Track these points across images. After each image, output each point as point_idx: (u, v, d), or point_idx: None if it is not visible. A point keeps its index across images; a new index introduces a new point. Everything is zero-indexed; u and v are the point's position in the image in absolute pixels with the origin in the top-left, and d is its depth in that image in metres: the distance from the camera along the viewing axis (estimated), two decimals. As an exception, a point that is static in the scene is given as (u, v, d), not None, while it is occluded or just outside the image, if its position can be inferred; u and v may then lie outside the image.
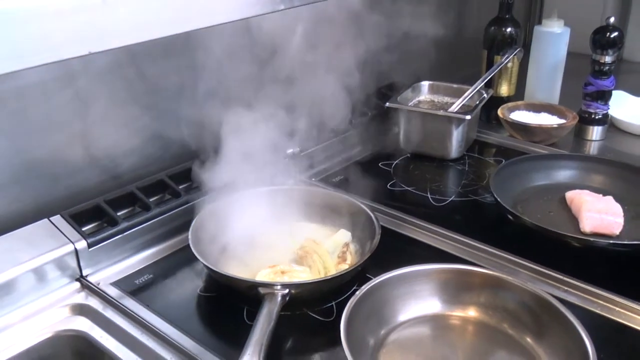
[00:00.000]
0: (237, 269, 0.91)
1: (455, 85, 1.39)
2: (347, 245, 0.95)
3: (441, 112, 1.28)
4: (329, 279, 0.85)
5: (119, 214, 0.95)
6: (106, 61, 0.93)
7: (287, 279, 0.84)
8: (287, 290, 0.79)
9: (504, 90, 1.51)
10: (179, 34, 0.62)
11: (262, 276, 0.86)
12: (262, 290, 0.80)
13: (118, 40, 0.45)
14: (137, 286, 0.90)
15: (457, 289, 0.82)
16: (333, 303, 0.85)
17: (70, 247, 0.88)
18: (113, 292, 0.88)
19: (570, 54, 1.50)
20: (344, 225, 1.00)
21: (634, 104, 1.48)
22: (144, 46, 0.50)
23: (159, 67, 1.02)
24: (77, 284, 0.89)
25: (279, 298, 0.78)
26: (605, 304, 0.85)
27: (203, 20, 0.50)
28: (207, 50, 1.08)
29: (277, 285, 0.80)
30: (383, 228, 1.01)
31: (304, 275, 0.87)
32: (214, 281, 0.90)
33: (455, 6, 1.71)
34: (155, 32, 0.46)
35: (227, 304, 0.86)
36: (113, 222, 0.93)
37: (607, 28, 1.29)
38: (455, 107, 1.30)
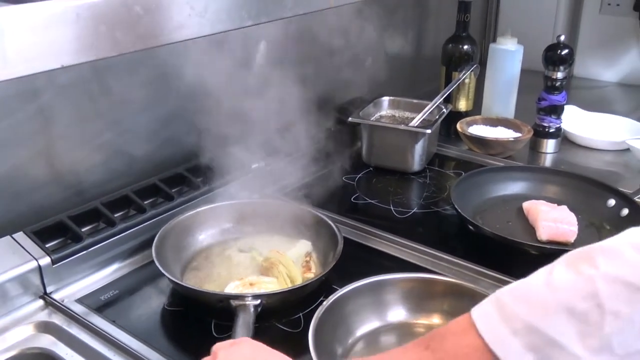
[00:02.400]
0: (203, 284, 0.91)
1: (415, 101, 1.43)
2: (309, 255, 0.97)
3: (402, 127, 1.31)
4: (299, 287, 0.86)
5: (83, 230, 0.94)
6: (70, 76, 0.93)
7: (257, 290, 0.85)
8: (258, 301, 0.80)
9: (462, 105, 1.55)
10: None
11: (231, 289, 0.86)
12: (234, 302, 0.80)
13: (90, 54, 0.46)
14: (102, 302, 0.89)
15: (421, 298, 0.84)
16: (300, 314, 0.86)
17: (33, 264, 0.86)
18: (78, 308, 0.87)
19: (524, 71, 1.56)
20: (306, 236, 1.01)
21: (585, 118, 1.54)
22: (107, 61, 0.51)
23: (122, 82, 1.02)
24: (41, 302, 0.88)
25: (252, 309, 0.79)
26: (562, 308, 0.88)
27: (173, 36, 0.51)
28: (170, 66, 1.09)
29: (248, 296, 0.80)
30: (348, 240, 1.03)
31: (271, 286, 0.88)
32: (180, 295, 0.90)
33: (415, 25, 1.75)
34: (127, 47, 0.47)
35: (194, 318, 0.86)
36: (77, 238, 0.92)
37: (558, 45, 1.35)
38: (415, 122, 1.34)
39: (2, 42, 0.40)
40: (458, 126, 1.44)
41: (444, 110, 1.38)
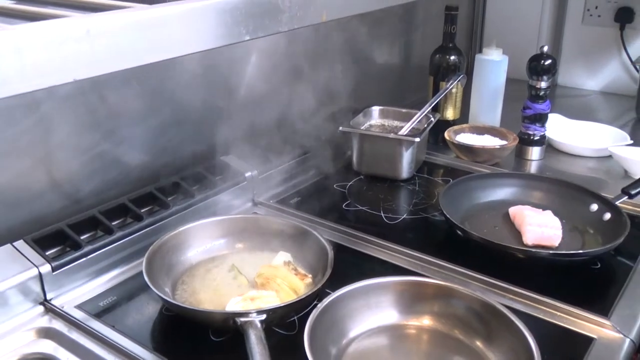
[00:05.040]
0: (196, 303, 0.92)
1: (404, 110, 1.46)
2: (289, 263, 0.97)
3: (392, 135, 1.34)
4: (305, 297, 0.86)
5: (82, 237, 0.96)
6: (69, 88, 0.96)
7: (261, 305, 0.84)
8: (264, 316, 0.80)
9: (450, 114, 1.59)
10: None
11: (232, 305, 0.86)
12: (239, 320, 0.80)
13: (100, 68, 0.48)
14: (101, 308, 0.91)
15: (412, 300, 0.87)
16: (295, 318, 0.89)
17: (34, 271, 0.88)
18: (78, 314, 0.89)
19: (509, 80, 1.60)
20: (288, 248, 1.01)
21: (569, 126, 1.59)
22: (105, 74, 0.53)
23: (119, 94, 1.05)
24: (41, 308, 0.90)
25: (259, 324, 0.79)
26: (547, 309, 0.91)
27: (176, 50, 0.53)
28: (165, 78, 1.12)
29: (252, 312, 0.80)
30: (340, 245, 1.06)
31: (272, 299, 0.87)
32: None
33: (403, 36, 1.79)
34: (133, 61, 0.50)
35: (190, 322, 0.88)
36: (76, 246, 0.95)
37: (541, 56, 1.39)
38: (404, 131, 1.37)
39: (20, 58, 0.42)
40: (446, 134, 1.48)
41: (432, 119, 1.42)
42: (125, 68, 0.51)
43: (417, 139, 1.30)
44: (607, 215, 1.10)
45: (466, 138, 1.48)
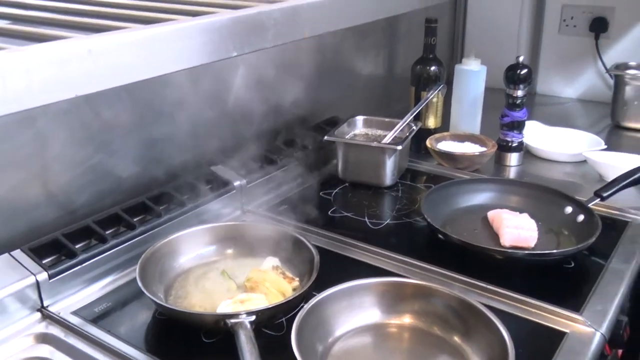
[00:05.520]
0: (189, 307, 0.95)
1: (387, 119, 1.51)
2: (277, 267, 1.02)
3: (375, 144, 1.39)
4: (294, 298, 0.91)
5: (77, 246, 1.00)
6: (64, 103, 1.00)
7: (252, 307, 0.88)
8: (253, 317, 0.84)
9: (431, 122, 1.64)
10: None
11: (224, 308, 0.90)
12: (230, 321, 0.84)
13: (100, 84, 0.53)
14: (97, 314, 0.95)
15: (393, 300, 0.92)
16: (283, 319, 0.93)
17: (31, 279, 0.92)
18: (74, 320, 0.92)
19: (489, 89, 1.65)
20: (277, 253, 1.06)
21: (547, 133, 1.64)
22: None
23: (112, 108, 1.09)
24: (39, 314, 0.93)
25: (248, 325, 0.83)
26: (523, 306, 0.96)
27: (170, 67, 0.58)
28: (156, 92, 1.17)
29: (242, 313, 0.84)
30: (326, 250, 1.11)
31: (261, 301, 0.92)
32: (170, 305, 0.96)
33: (385, 48, 1.85)
34: (131, 77, 0.54)
35: (182, 325, 0.92)
36: (72, 255, 0.98)
37: (517, 66, 1.44)
38: (387, 139, 1.42)
39: (29, 76, 0.46)
40: (427, 142, 1.53)
41: (414, 127, 1.47)
42: (124, 84, 0.55)
43: (400, 147, 1.35)
44: (581, 217, 1.16)
45: (447, 145, 1.53)
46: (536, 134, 1.61)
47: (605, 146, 1.52)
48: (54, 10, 0.67)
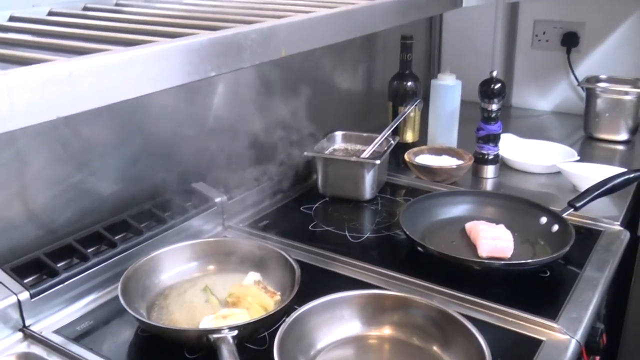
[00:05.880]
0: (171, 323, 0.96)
1: (365, 134, 1.53)
2: (259, 282, 1.03)
3: (354, 159, 1.41)
4: (276, 312, 0.92)
5: (58, 265, 1.00)
6: (44, 123, 1.00)
7: (233, 322, 0.89)
8: (236, 332, 0.85)
9: (409, 136, 1.67)
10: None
11: (206, 323, 0.91)
12: (212, 336, 0.85)
13: (81, 106, 0.54)
14: (79, 332, 0.95)
15: (373, 312, 0.93)
16: (266, 334, 0.94)
17: (13, 299, 0.92)
18: (56, 339, 0.93)
19: (466, 103, 1.69)
20: (259, 268, 1.07)
21: (522, 145, 1.68)
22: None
23: (91, 126, 1.10)
24: (20, 334, 0.93)
25: (231, 340, 0.84)
26: (500, 315, 0.98)
27: (149, 87, 0.59)
28: (136, 110, 1.18)
29: (224, 328, 0.85)
30: (307, 265, 1.12)
31: (243, 316, 0.93)
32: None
33: (363, 64, 1.88)
34: (112, 98, 0.55)
35: (165, 342, 0.93)
36: (53, 273, 0.98)
37: (491, 80, 1.48)
38: (366, 154, 1.44)
39: (10, 99, 0.48)
40: (406, 156, 1.55)
41: (392, 142, 1.49)
42: (104, 105, 0.56)
43: (378, 161, 1.37)
44: (555, 227, 1.18)
45: (425, 159, 1.56)
46: (511, 147, 1.64)
47: (579, 157, 1.56)
48: (36, 33, 0.68)
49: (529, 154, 1.62)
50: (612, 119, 1.79)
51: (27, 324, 0.94)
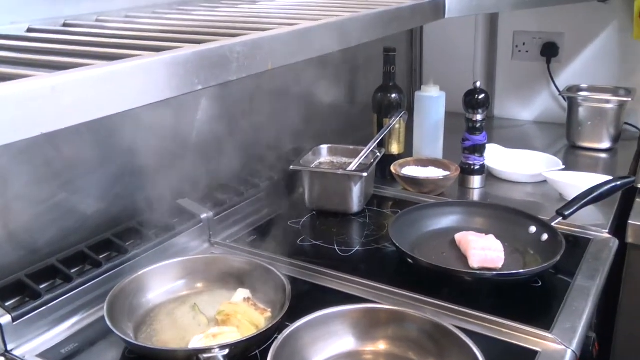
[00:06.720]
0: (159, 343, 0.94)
1: (351, 147, 1.53)
2: (248, 299, 1.01)
3: (340, 172, 1.40)
4: (265, 330, 0.90)
5: (41, 287, 0.97)
6: (25, 142, 0.98)
7: (224, 341, 0.87)
8: (227, 351, 0.83)
9: (395, 148, 1.66)
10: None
11: (196, 343, 0.89)
12: (202, 356, 0.83)
13: (65, 121, 0.52)
14: (63, 356, 0.92)
15: (367, 327, 0.92)
16: (257, 351, 0.92)
17: (-6, 323, 0.89)
18: (40, 363, 0.90)
19: (449, 114, 1.69)
20: (248, 285, 1.05)
21: (506, 155, 1.68)
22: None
23: (73, 144, 1.08)
24: (2, 359, 0.90)
25: (222, 359, 0.82)
26: (494, 327, 0.97)
27: (135, 102, 0.57)
28: (117, 127, 1.16)
29: (215, 347, 0.83)
30: (297, 280, 1.10)
31: (234, 334, 0.90)
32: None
33: (346, 77, 1.88)
34: (96, 114, 0.53)
35: (155, 363, 0.91)
36: (36, 295, 0.95)
37: (475, 91, 1.48)
38: (353, 166, 1.43)
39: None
40: (392, 168, 1.55)
41: (378, 154, 1.49)
42: (89, 120, 0.55)
43: (365, 174, 1.36)
44: (545, 236, 1.18)
45: (411, 171, 1.55)
46: (497, 157, 1.64)
47: (564, 166, 1.56)
48: (15, 49, 0.66)
49: (514, 164, 1.62)
50: (595, 128, 1.80)
51: (9, 348, 0.91)
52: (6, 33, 0.76)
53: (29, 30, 0.79)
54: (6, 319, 0.90)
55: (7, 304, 0.93)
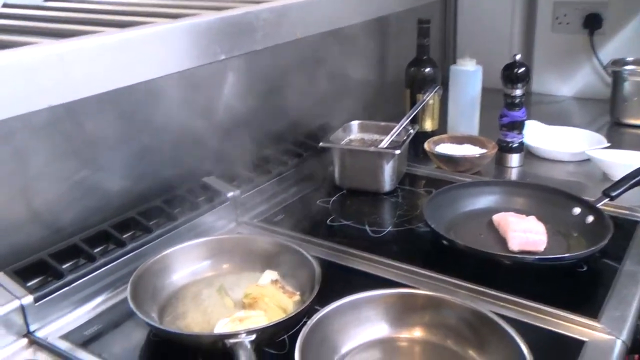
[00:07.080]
0: (184, 327, 0.90)
1: (383, 123, 1.47)
2: (276, 282, 0.97)
3: (372, 149, 1.35)
4: (294, 315, 0.85)
5: (64, 266, 0.95)
6: (44, 117, 0.95)
7: (249, 325, 0.84)
8: (253, 337, 0.79)
9: (428, 125, 1.60)
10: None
11: (221, 327, 0.85)
12: (229, 341, 0.79)
13: (74, 93, 0.48)
14: (87, 337, 0.89)
15: (402, 312, 0.87)
16: (285, 337, 0.88)
17: (16, 303, 0.86)
18: (63, 345, 0.87)
19: (485, 89, 1.62)
20: (275, 266, 1.01)
21: (546, 132, 1.60)
22: (80, 101, 0.53)
23: (96, 119, 1.04)
24: (25, 340, 0.88)
25: (249, 345, 0.78)
26: (537, 314, 0.91)
27: (151, 72, 0.53)
28: (142, 102, 1.12)
29: (242, 333, 0.79)
30: (326, 261, 1.06)
31: (261, 319, 0.87)
32: (165, 326, 0.91)
33: (378, 51, 1.81)
34: (108, 85, 0.49)
35: (179, 347, 0.87)
36: (58, 275, 0.93)
37: (514, 64, 1.40)
38: (384, 144, 1.37)
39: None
40: (425, 145, 1.48)
41: (411, 131, 1.42)
42: (100, 92, 0.50)
43: (398, 151, 1.30)
44: (590, 218, 1.11)
45: (446, 148, 1.49)
46: (536, 134, 1.57)
47: (609, 144, 1.48)
48: (20, 17, 0.62)
49: (554, 141, 1.55)
50: (641, 103, 1.70)
51: (31, 329, 0.89)
52: (20, 2, 0.72)
53: (45, -2, 0.75)
54: (28, 299, 0.88)
55: (29, 284, 0.90)
